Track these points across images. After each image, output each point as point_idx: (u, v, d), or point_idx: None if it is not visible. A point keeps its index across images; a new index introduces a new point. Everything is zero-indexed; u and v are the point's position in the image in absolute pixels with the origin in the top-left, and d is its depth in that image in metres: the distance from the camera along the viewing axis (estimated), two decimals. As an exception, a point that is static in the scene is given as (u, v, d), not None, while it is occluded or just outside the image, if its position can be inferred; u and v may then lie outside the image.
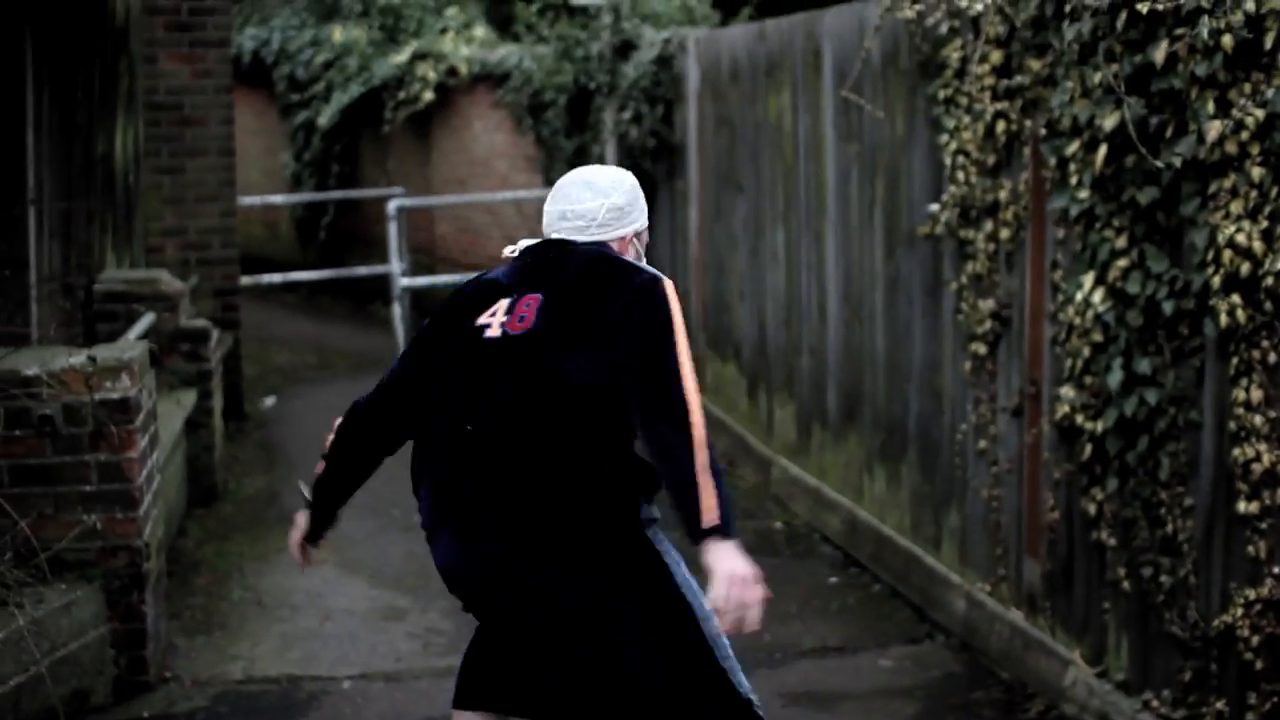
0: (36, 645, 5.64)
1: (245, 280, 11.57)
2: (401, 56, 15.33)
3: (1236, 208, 4.82)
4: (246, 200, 13.79)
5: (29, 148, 7.08)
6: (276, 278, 13.85)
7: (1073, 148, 5.52)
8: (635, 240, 4.27)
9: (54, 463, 6.02)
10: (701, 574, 3.89)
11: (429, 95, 14.96)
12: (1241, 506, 4.93)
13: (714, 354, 10.32)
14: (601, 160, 12.20)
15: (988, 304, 6.36)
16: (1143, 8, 5.03)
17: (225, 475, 9.40)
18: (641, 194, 4.31)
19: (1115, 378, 5.37)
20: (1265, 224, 4.75)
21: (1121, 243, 5.35)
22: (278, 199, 15.35)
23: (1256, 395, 4.84)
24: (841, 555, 7.95)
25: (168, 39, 10.61)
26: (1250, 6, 4.71)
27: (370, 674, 6.48)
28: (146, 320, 8.28)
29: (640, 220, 4.29)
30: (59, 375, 5.98)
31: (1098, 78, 5.33)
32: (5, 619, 5.62)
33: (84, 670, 5.99)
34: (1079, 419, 5.65)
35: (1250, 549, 4.93)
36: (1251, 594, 4.91)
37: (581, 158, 12.63)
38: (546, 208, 4.27)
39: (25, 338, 6.82)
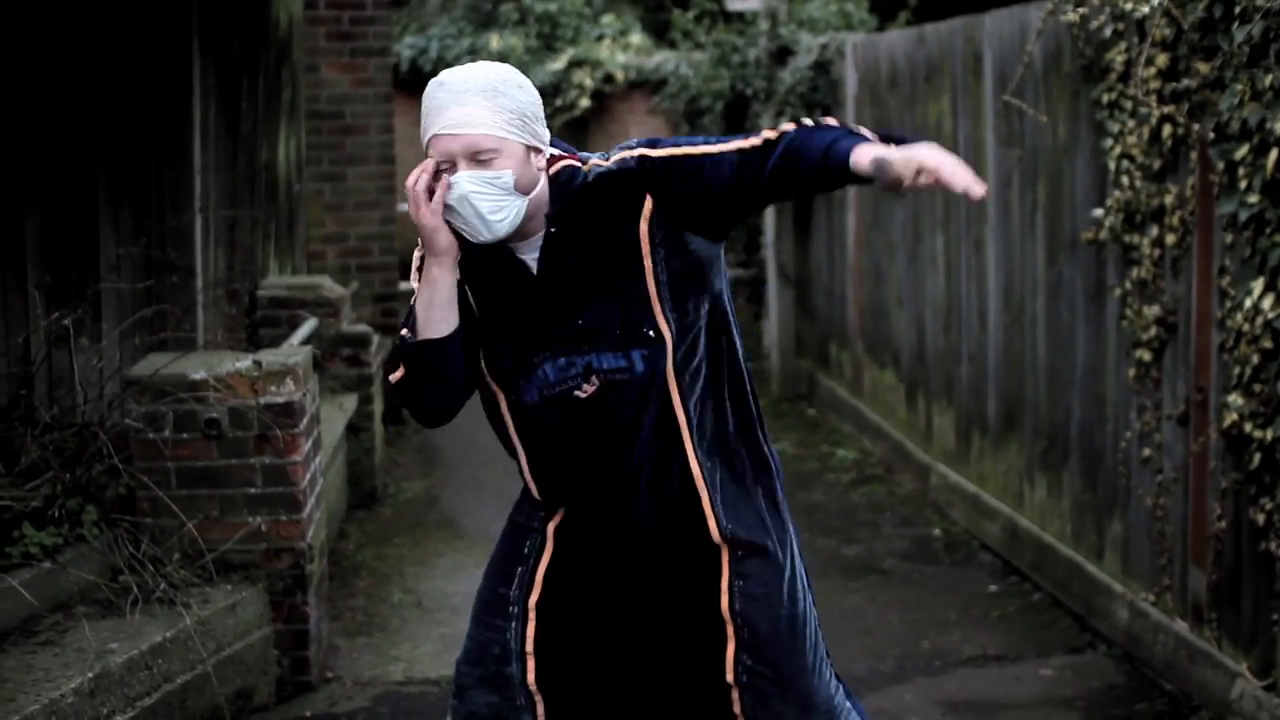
0: (203, 645, 5.73)
1: (404, 285, 11.67)
2: (558, 64, 15.42)
3: None
4: (406, 207, 13.93)
5: (196, 157, 7.21)
6: (434, 284, 13.94)
7: (1242, 151, 5.42)
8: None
9: (220, 465, 6.12)
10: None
11: (585, 102, 15.04)
12: None
13: (871, 360, 10.27)
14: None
15: (1153, 310, 6.27)
16: (1315, 8, 4.94)
17: (385, 479, 9.50)
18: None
19: (1285, 385, 5.27)
20: None
21: (1292, 248, 5.25)
22: (436, 206, 15.48)
23: None
24: (1001, 563, 7.87)
25: (329, 48, 10.76)
26: None
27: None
28: (309, 325, 8.39)
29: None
30: (225, 379, 6.08)
31: (1269, 80, 5.23)
32: (173, 618, 5.72)
33: (248, 670, 6.08)
34: (1247, 427, 5.55)
35: None
36: None
37: (738, 164, 12.60)
38: None
39: (192, 342, 6.93)
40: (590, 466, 3.66)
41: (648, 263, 3.58)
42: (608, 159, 3.62)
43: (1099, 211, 6.65)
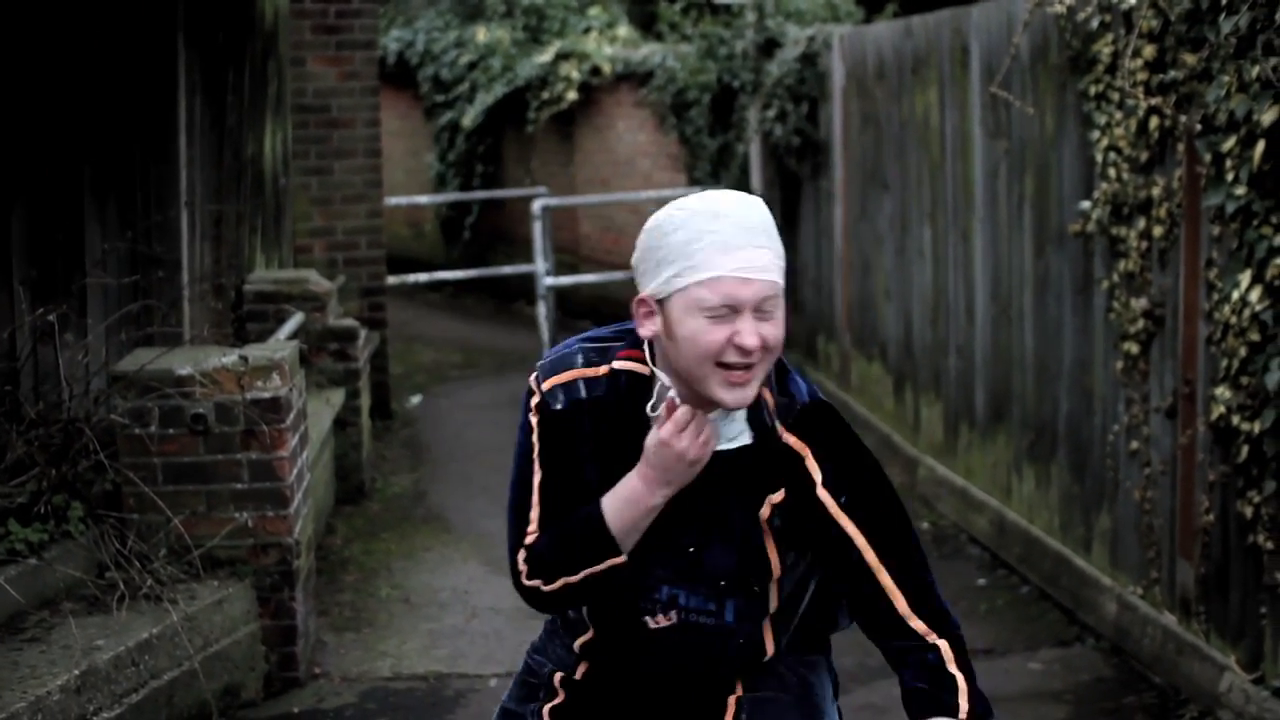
0: (190, 641, 5.71)
1: (391, 280, 11.67)
2: (545, 56, 15.39)
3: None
4: (392, 200, 13.90)
5: (181, 151, 7.19)
6: (422, 277, 13.95)
7: (1229, 143, 5.42)
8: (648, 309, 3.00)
9: (206, 461, 6.10)
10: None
11: (572, 95, 15.01)
12: (1405, 510, 4.81)
13: (859, 353, 10.26)
14: (746, 159, 12.17)
15: (1140, 303, 6.26)
16: (1302, 0, 4.93)
17: (372, 473, 9.49)
18: (655, 241, 2.94)
19: (1273, 378, 5.26)
20: None
21: (1280, 240, 5.24)
22: (423, 199, 15.47)
23: None
24: (989, 556, 7.87)
25: (315, 42, 10.73)
26: None
27: (516, 672, 6.49)
28: (295, 320, 8.37)
29: (649, 279, 2.96)
30: (211, 374, 6.06)
31: (1255, 71, 5.22)
32: (160, 615, 5.70)
33: (235, 666, 6.06)
34: (1235, 420, 5.55)
35: None
36: None
37: (725, 156, 12.61)
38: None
39: (178, 337, 6.91)
40: (643, 684, 3.20)
41: (770, 543, 3.04)
42: (783, 412, 3.03)
43: (1086, 204, 6.64)
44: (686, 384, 2.95)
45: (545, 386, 3.08)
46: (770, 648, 3.15)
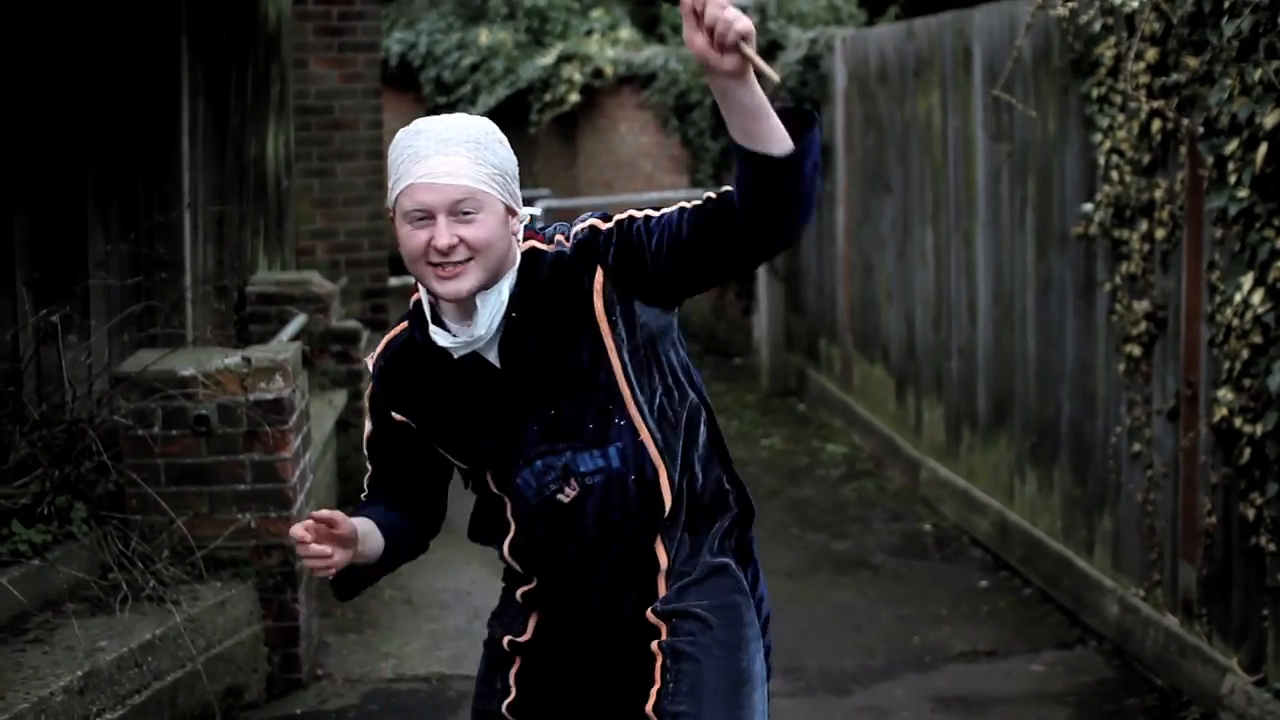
0: (192, 642, 5.72)
1: (394, 281, 11.67)
2: (547, 59, 15.42)
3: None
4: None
5: (184, 153, 7.19)
6: (424, 279, 13.94)
7: (1231, 146, 5.42)
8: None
9: (209, 462, 6.11)
10: None
11: (575, 97, 15.04)
12: (1407, 512, 4.81)
13: (861, 355, 10.27)
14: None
15: (1143, 305, 6.27)
16: (1305, 3, 4.94)
17: (374, 475, 9.46)
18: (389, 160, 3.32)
19: (1275, 380, 5.26)
20: None
21: (1282, 243, 5.25)
22: (425, 201, 15.46)
23: None
24: (991, 558, 7.87)
25: (318, 44, 10.74)
26: None
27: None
28: (298, 321, 8.37)
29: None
30: (214, 376, 6.07)
31: (1258, 74, 5.22)
32: (162, 616, 5.71)
33: (238, 667, 6.07)
34: (1237, 422, 5.55)
35: None
36: None
37: (727, 158, 12.61)
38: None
39: (181, 339, 6.92)
40: (573, 567, 3.44)
41: (609, 343, 3.29)
42: (568, 237, 3.35)
43: (1088, 206, 6.65)
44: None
45: (372, 360, 3.48)
46: (667, 494, 3.34)
